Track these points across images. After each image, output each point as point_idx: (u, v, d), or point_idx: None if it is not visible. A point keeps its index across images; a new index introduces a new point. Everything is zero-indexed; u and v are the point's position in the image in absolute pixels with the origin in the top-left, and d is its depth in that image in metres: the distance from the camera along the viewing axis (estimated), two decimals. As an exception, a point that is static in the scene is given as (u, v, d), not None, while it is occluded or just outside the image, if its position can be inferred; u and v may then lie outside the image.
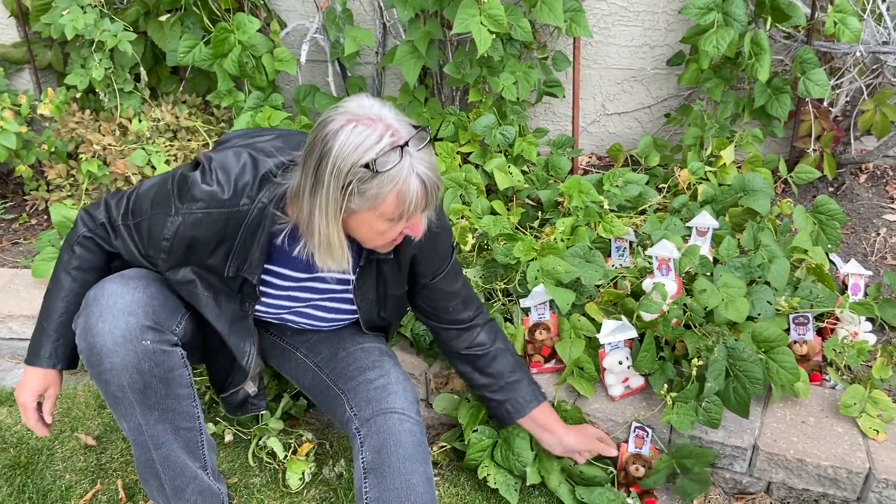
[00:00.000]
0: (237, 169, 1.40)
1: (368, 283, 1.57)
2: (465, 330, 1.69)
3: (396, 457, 1.48)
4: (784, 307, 1.86)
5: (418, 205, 1.30)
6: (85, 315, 1.41)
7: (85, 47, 2.70)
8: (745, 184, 2.21)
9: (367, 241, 1.40)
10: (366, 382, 1.57)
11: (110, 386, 1.41)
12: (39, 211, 2.89)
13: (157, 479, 1.50)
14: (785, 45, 2.62)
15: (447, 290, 1.65)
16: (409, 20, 2.58)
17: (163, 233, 1.41)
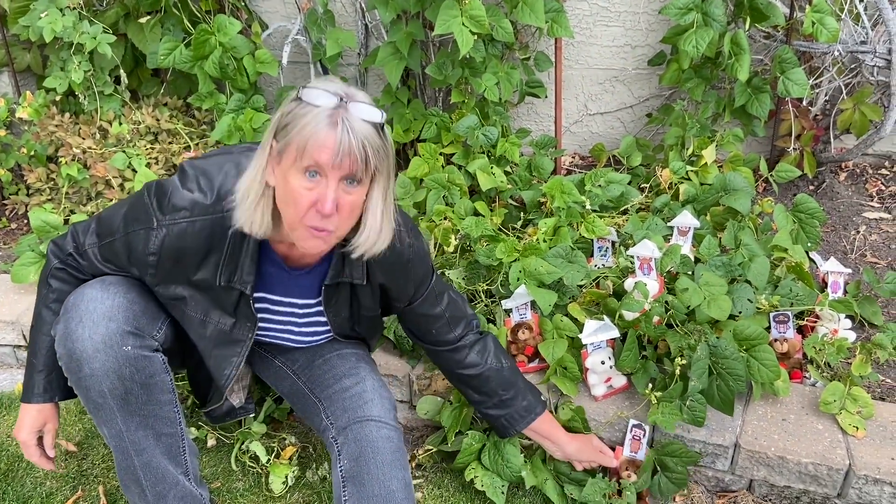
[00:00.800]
0: (220, 175, 1.37)
1: (342, 301, 1.53)
2: (453, 351, 1.64)
3: (374, 464, 1.47)
4: (765, 305, 1.87)
5: (322, 151, 1.20)
6: (64, 321, 1.39)
7: (64, 49, 2.68)
8: (725, 183, 2.22)
9: (286, 209, 1.26)
10: (342, 390, 1.57)
11: (91, 392, 1.39)
12: (19, 215, 2.86)
13: (139, 485, 1.48)
14: (764, 45, 2.64)
15: (428, 313, 1.60)
16: (391, 21, 2.58)
17: (147, 248, 1.37)
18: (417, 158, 2.56)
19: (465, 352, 1.64)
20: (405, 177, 2.50)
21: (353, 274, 1.46)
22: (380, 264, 1.45)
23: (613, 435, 1.81)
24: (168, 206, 1.35)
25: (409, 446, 1.98)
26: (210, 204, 1.35)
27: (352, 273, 1.46)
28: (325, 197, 1.22)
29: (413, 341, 1.74)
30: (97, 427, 1.48)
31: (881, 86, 2.52)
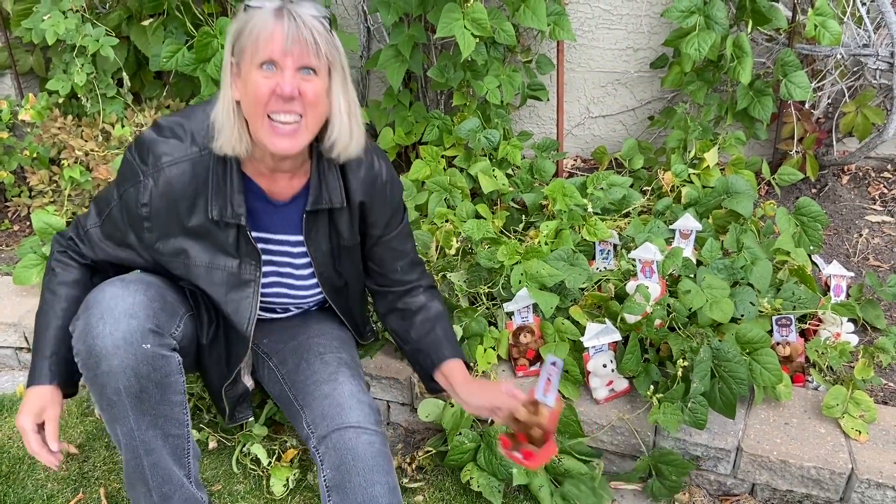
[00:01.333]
0: (192, 120, 1.44)
1: (321, 233, 1.56)
2: (407, 292, 1.70)
3: (356, 471, 1.46)
4: (767, 309, 1.87)
5: (273, 42, 1.28)
6: (85, 317, 1.39)
7: (67, 52, 2.68)
8: (728, 186, 2.22)
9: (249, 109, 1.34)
10: (321, 397, 1.55)
11: (106, 389, 1.39)
12: (22, 217, 2.87)
13: (146, 485, 1.48)
14: (767, 48, 2.64)
15: (398, 248, 1.66)
16: (393, 24, 2.58)
17: (138, 200, 1.42)
18: (419, 161, 2.56)
19: (420, 291, 1.71)
20: (407, 179, 2.50)
21: (332, 197, 1.50)
22: (358, 181, 1.52)
23: (615, 438, 1.81)
24: (149, 157, 1.41)
25: (409, 449, 1.98)
26: (188, 145, 1.42)
27: (331, 197, 1.50)
28: (284, 82, 1.29)
29: (370, 288, 1.74)
30: (106, 425, 1.47)
31: (884, 89, 2.52)
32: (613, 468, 1.85)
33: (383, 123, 2.79)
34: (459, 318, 1.97)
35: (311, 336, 1.70)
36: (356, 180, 1.52)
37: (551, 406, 1.41)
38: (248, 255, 1.52)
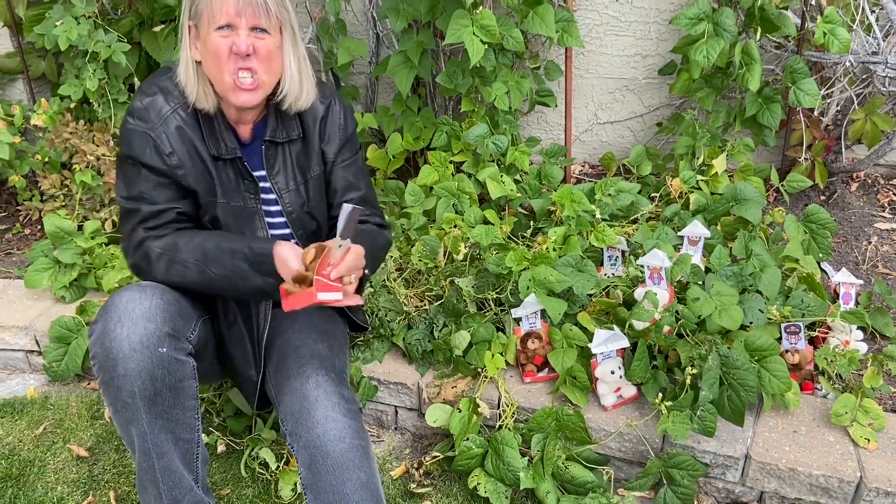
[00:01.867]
0: (161, 81, 1.54)
1: (283, 169, 1.63)
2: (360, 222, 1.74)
3: (325, 469, 1.45)
4: (776, 316, 1.86)
5: (228, 7, 1.42)
6: (103, 320, 1.41)
7: (79, 58, 2.71)
8: (736, 193, 2.22)
9: (213, 71, 1.47)
10: (290, 392, 1.53)
11: (121, 392, 1.40)
12: (33, 221, 2.89)
13: (157, 488, 1.49)
14: (776, 55, 2.64)
15: (351, 179, 1.73)
16: (402, 30, 2.59)
17: (161, 152, 1.51)
18: (427, 167, 2.57)
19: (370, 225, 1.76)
20: (415, 185, 2.51)
21: (289, 131, 1.63)
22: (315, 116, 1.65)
23: (623, 445, 1.81)
24: (149, 114, 1.51)
25: (417, 454, 1.98)
26: (175, 96, 1.53)
27: (287, 131, 1.63)
28: (239, 41, 1.44)
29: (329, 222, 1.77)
30: (118, 427, 1.48)
31: (893, 96, 2.52)
32: (621, 475, 1.85)
33: (392, 129, 2.80)
34: (467, 322, 1.98)
35: (295, 332, 1.68)
36: (311, 116, 1.66)
37: (335, 258, 1.39)
38: (247, 188, 1.60)
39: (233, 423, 1.97)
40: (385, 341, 2.05)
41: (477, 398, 1.86)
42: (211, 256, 1.50)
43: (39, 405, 2.13)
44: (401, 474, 1.91)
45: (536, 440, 1.79)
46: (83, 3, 2.59)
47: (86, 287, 2.33)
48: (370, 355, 2.03)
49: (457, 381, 1.95)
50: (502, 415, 1.87)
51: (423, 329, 2.02)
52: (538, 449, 1.79)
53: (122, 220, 1.57)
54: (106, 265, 2.30)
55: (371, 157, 2.78)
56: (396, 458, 1.97)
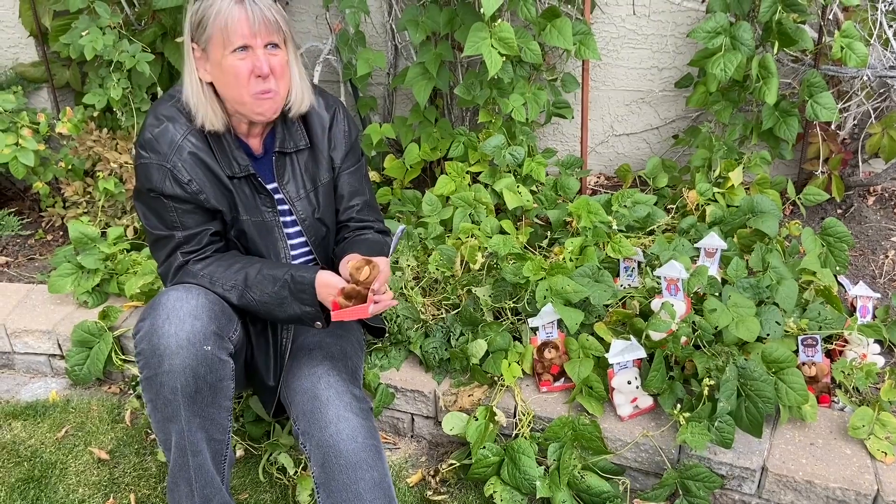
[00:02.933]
0: (165, 108, 1.56)
1: (292, 179, 1.66)
2: (360, 229, 1.79)
3: (338, 468, 1.47)
4: (793, 328, 1.87)
5: (241, 27, 1.45)
6: (151, 318, 1.44)
7: (103, 67, 2.76)
8: (753, 205, 2.23)
9: (231, 92, 1.50)
10: (301, 392, 1.57)
11: (164, 388, 1.43)
12: (55, 227, 2.94)
13: (189, 486, 1.51)
14: (792, 69, 2.65)
15: (355, 184, 1.77)
16: (421, 42, 2.62)
17: (180, 181, 1.52)
18: (444, 177, 2.59)
19: (369, 232, 1.81)
20: (432, 194, 2.53)
21: (296, 140, 1.66)
22: (321, 125, 1.69)
23: (639, 455, 1.81)
24: (161, 146, 1.53)
25: (433, 461, 1.99)
26: (182, 122, 1.55)
27: (294, 140, 1.66)
28: (260, 63, 1.48)
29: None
30: (155, 424, 1.50)
31: (910, 110, 2.52)
32: (637, 485, 1.85)
33: (409, 139, 2.83)
34: (484, 331, 1.99)
35: (310, 335, 1.72)
36: (318, 124, 1.69)
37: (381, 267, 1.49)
38: (264, 203, 1.63)
39: (251, 429, 1.99)
40: (402, 349, 2.07)
41: (493, 407, 1.87)
42: (252, 282, 1.53)
43: (61, 408, 2.17)
44: (417, 481, 1.92)
45: (553, 449, 1.80)
46: (108, 13, 2.65)
47: (108, 292, 2.37)
48: (387, 363, 2.04)
49: (473, 390, 1.96)
50: (518, 424, 1.88)
51: (439, 337, 2.03)
52: (554, 458, 1.80)
53: (155, 247, 1.59)
54: (128, 271, 2.34)
55: (388, 167, 2.81)
56: (413, 466, 1.98)
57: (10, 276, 2.66)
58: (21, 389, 2.30)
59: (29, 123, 2.78)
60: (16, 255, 2.81)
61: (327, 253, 1.78)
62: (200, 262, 1.56)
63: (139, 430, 2.08)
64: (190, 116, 1.55)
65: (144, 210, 1.58)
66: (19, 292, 2.47)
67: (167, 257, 1.57)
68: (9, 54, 3.09)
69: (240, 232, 1.62)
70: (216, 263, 1.56)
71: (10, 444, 2.05)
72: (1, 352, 2.36)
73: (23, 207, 3.08)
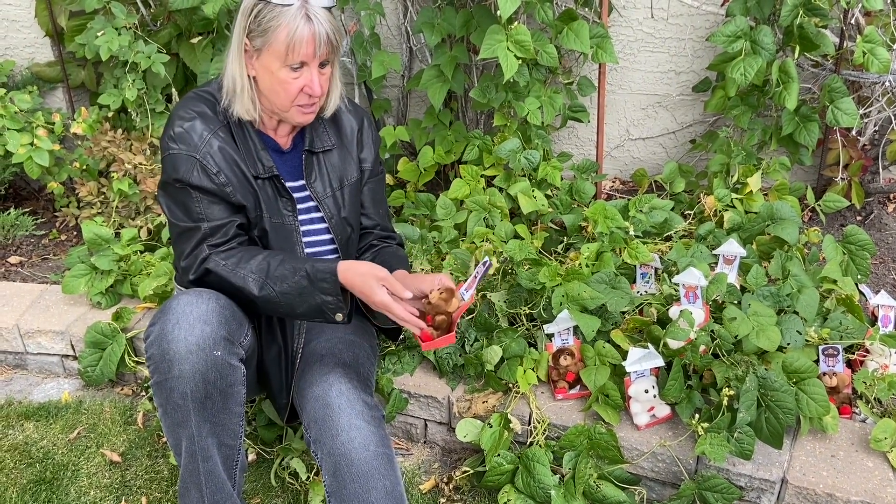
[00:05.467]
0: (194, 104, 1.57)
1: (320, 178, 1.67)
2: (385, 238, 1.82)
3: (350, 478, 1.45)
4: (814, 338, 1.84)
5: (306, 47, 1.45)
6: (161, 323, 1.43)
7: (118, 67, 2.76)
8: (772, 212, 2.19)
9: (275, 98, 1.53)
10: (313, 399, 1.54)
11: (174, 393, 1.42)
12: (69, 227, 2.94)
13: (199, 492, 1.50)
14: (813, 74, 2.62)
15: (379, 195, 1.81)
16: (436, 45, 2.61)
17: (208, 172, 1.53)
18: (459, 180, 2.57)
19: (393, 244, 1.84)
20: (446, 198, 2.52)
21: (324, 141, 1.68)
22: (351, 125, 1.71)
23: (656, 465, 1.79)
24: (191, 138, 1.53)
25: (446, 468, 1.97)
26: (211, 117, 1.56)
27: (322, 141, 1.68)
28: (313, 83, 1.50)
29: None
30: (166, 430, 1.49)
31: (933, 116, 2.48)
32: (653, 496, 1.83)
33: (423, 142, 2.81)
34: (499, 338, 1.97)
35: (322, 341, 1.69)
36: (348, 126, 1.72)
37: (465, 300, 1.52)
38: (285, 206, 1.62)
39: (264, 433, 1.98)
40: (416, 354, 2.05)
41: (508, 414, 1.85)
42: (273, 272, 1.50)
43: (74, 409, 2.16)
44: (430, 488, 1.90)
45: (568, 458, 1.78)
46: (124, 14, 2.65)
47: (121, 294, 2.36)
48: (401, 368, 2.03)
49: (487, 396, 1.94)
50: (533, 431, 1.86)
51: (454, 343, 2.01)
52: (570, 467, 1.78)
53: (179, 240, 1.57)
54: (141, 272, 2.33)
55: (402, 170, 2.79)
56: (425, 472, 1.96)
57: (23, 276, 2.66)
58: (34, 390, 2.30)
59: (44, 123, 2.79)
60: (29, 254, 2.82)
61: (352, 255, 1.77)
62: (224, 254, 1.54)
63: (151, 433, 2.07)
64: (218, 114, 1.56)
65: (169, 203, 1.57)
66: (33, 292, 2.47)
67: (192, 250, 1.54)
68: (24, 54, 3.10)
69: (263, 231, 1.61)
70: (239, 254, 1.54)
71: (22, 444, 2.04)
72: (14, 352, 2.36)
73: (37, 207, 3.09)
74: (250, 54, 1.51)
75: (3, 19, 3.05)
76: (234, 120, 1.58)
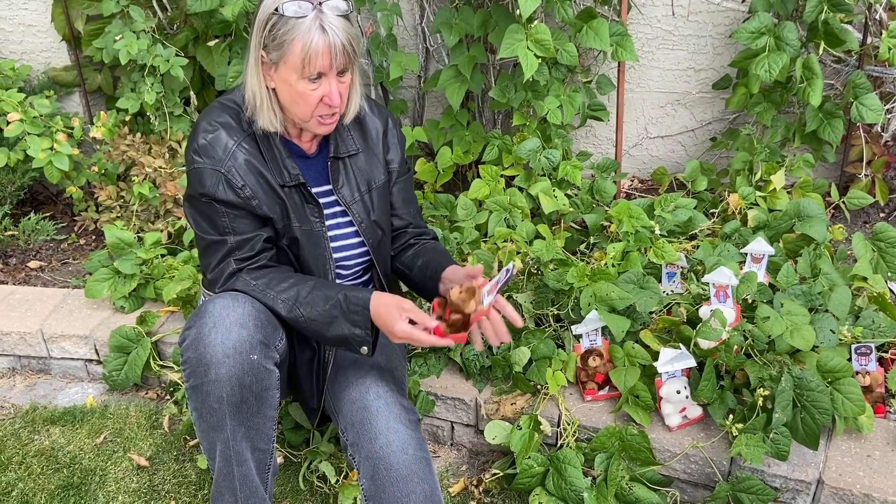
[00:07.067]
0: (218, 115, 1.55)
1: (346, 183, 1.65)
2: (419, 235, 1.80)
3: (389, 481, 1.44)
4: (846, 337, 1.82)
5: (322, 59, 1.42)
6: (197, 326, 1.42)
7: (135, 71, 2.75)
8: (799, 209, 2.18)
9: (295, 109, 1.51)
10: (349, 402, 1.53)
11: (209, 398, 1.41)
12: (88, 231, 2.94)
13: (234, 496, 1.49)
14: (834, 70, 2.60)
15: (408, 194, 1.78)
16: (454, 45, 2.60)
17: (234, 186, 1.51)
18: (478, 180, 2.56)
19: (428, 238, 1.82)
20: (466, 198, 2.50)
21: (349, 145, 1.66)
22: (376, 128, 1.69)
23: (688, 467, 1.77)
24: (216, 151, 1.51)
25: (474, 471, 1.96)
26: (236, 128, 1.54)
27: (346, 146, 1.65)
28: (332, 93, 1.47)
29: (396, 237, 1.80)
30: (200, 434, 1.48)
31: (958, 111, 2.46)
32: (685, 497, 1.81)
33: (441, 142, 2.80)
34: (527, 339, 1.96)
35: None
36: (373, 128, 1.69)
37: (483, 306, 1.46)
38: (312, 213, 1.60)
39: (291, 436, 1.97)
40: (442, 356, 2.04)
41: (538, 415, 1.84)
42: (303, 298, 1.49)
43: (99, 414, 2.16)
44: (459, 491, 1.89)
45: (600, 460, 1.77)
46: (142, 18, 2.64)
47: (144, 297, 2.36)
48: (427, 370, 2.02)
49: (516, 398, 1.93)
50: (563, 433, 1.84)
51: (480, 344, 2.00)
52: (601, 469, 1.76)
53: (206, 253, 1.56)
54: (164, 276, 2.33)
55: (420, 171, 2.78)
56: (454, 475, 1.95)
57: (44, 281, 2.66)
58: (58, 395, 2.29)
59: (63, 128, 2.78)
60: (49, 259, 2.82)
61: (385, 258, 1.75)
62: (254, 273, 1.53)
63: (178, 437, 2.07)
64: (242, 123, 1.54)
65: (196, 216, 1.55)
66: (55, 297, 2.47)
67: (218, 263, 1.54)
68: (41, 58, 3.10)
69: (292, 240, 1.59)
70: (270, 276, 1.53)
71: (48, 449, 2.04)
72: (37, 357, 2.36)
73: (55, 212, 3.09)
74: (268, 66, 1.48)
75: (19, 24, 3.05)
76: (258, 129, 1.56)
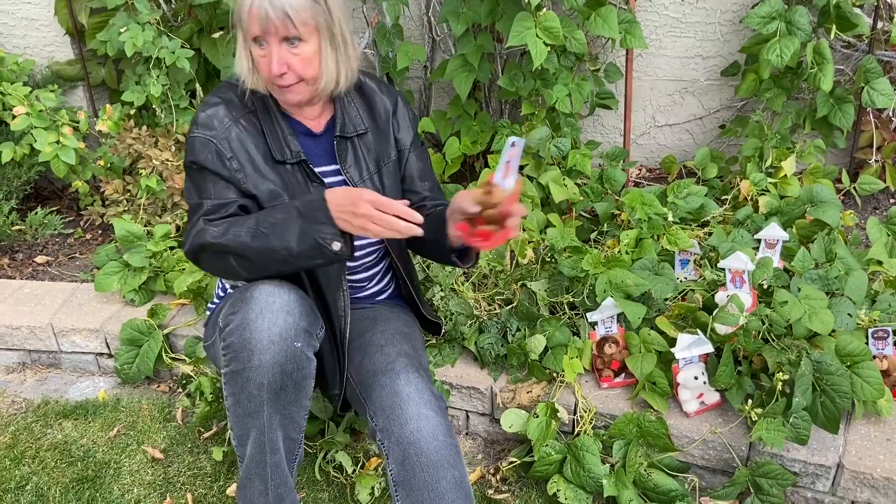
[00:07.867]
0: (222, 93, 1.56)
1: (354, 163, 1.62)
2: (435, 206, 1.72)
3: (420, 467, 1.43)
4: (864, 321, 1.81)
5: (256, 23, 1.41)
6: (243, 312, 1.40)
7: (140, 64, 2.73)
8: (811, 195, 2.17)
9: (259, 74, 1.50)
10: (379, 388, 1.52)
11: (250, 384, 1.39)
12: (95, 226, 2.92)
13: (264, 483, 1.48)
14: (844, 56, 2.59)
15: (424, 168, 1.74)
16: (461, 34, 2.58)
17: (223, 157, 1.50)
18: (487, 170, 2.55)
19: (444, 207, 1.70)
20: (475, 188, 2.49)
21: (356, 125, 1.63)
22: (384, 105, 1.66)
23: (706, 453, 1.77)
24: (213, 122, 1.51)
25: (490, 459, 1.96)
26: (236, 105, 1.54)
27: (354, 125, 1.63)
28: (270, 61, 1.44)
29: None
30: (234, 420, 1.46)
31: (968, 96, 2.45)
32: (703, 483, 1.81)
33: (448, 133, 2.79)
34: (542, 327, 1.95)
35: (375, 333, 1.68)
36: (382, 107, 1.67)
37: (508, 189, 1.33)
38: (315, 186, 1.58)
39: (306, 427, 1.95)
40: (456, 345, 2.03)
41: (555, 403, 1.83)
42: (263, 219, 1.45)
43: (111, 407, 2.15)
44: (476, 479, 1.89)
45: (618, 447, 1.76)
46: (148, 10, 2.62)
47: (154, 290, 2.35)
48: (441, 359, 2.01)
49: (531, 386, 1.92)
50: (580, 420, 1.84)
51: (494, 333, 1.99)
52: (619, 455, 1.76)
53: (188, 220, 1.56)
54: (174, 269, 2.31)
55: (428, 161, 2.77)
56: (469, 464, 1.95)
57: (52, 275, 2.65)
58: (69, 389, 2.28)
59: (69, 122, 2.76)
60: (56, 254, 2.80)
61: (400, 249, 1.74)
62: (215, 222, 1.50)
63: (191, 429, 2.06)
64: (245, 100, 1.54)
65: (188, 183, 1.56)
66: (65, 291, 2.46)
67: (192, 225, 1.52)
68: (44, 53, 3.08)
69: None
70: (230, 220, 1.50)
71: (61, 443, 2.03)
72: (48, 351, 2.35)
73: (60, 206, 3.07)
74: (240, 41, 1.51)
75: (22, 18, 3.03)
76: (260, 105, 1.55)
